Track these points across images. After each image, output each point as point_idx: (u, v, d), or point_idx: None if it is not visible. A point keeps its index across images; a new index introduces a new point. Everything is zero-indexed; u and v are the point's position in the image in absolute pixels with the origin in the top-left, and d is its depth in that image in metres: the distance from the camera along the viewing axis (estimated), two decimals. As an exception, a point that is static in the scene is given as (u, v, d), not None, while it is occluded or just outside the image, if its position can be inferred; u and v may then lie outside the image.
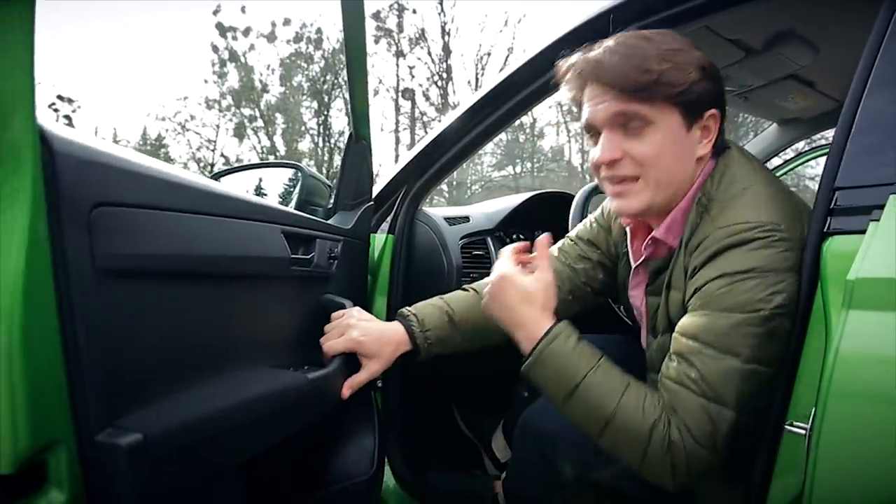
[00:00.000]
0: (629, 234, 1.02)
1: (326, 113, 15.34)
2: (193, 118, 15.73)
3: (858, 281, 0.63)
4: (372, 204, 1.29)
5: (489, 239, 1.62)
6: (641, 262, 0.98)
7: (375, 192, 1.36)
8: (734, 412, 0.75)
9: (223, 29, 14.68)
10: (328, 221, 1.16)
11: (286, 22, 15.48)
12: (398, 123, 16.46)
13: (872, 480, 0.61)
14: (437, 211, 1.59)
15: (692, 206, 0.87)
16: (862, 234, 0.67)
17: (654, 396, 0.79)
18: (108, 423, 0.57)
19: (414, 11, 16.51)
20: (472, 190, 15.98)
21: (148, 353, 0.63)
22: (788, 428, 0.71)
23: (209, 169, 14.95)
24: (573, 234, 1.18)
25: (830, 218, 0.73)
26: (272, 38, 15.01)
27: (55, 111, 11.05)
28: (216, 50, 14.96)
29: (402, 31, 15.71)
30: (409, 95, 16.18)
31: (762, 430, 0.77)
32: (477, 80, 15.79)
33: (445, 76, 15.88)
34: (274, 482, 1.03)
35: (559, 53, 0.95)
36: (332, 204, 1.27)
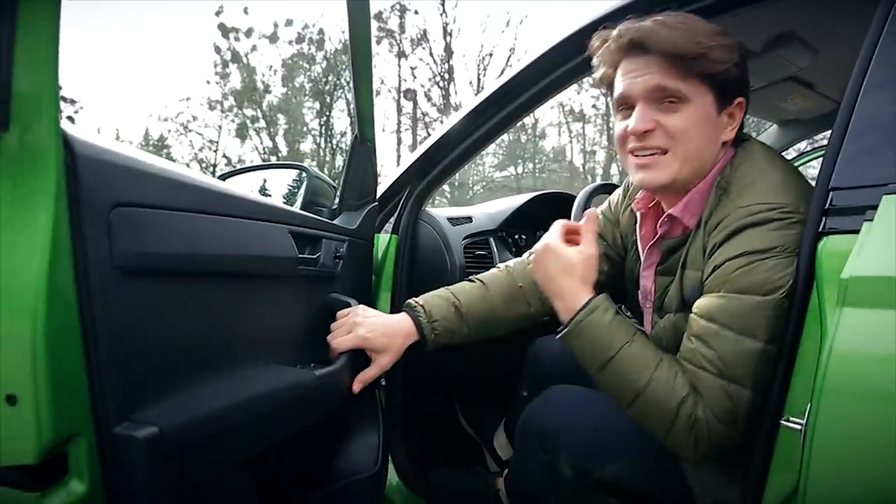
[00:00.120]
0: (639, 219, 1.04)
1: (328, 113, 15.37)
2: (196, 119, 15.80)
3: (852, 279, 0.65)
4: (376, 204, 1.30)
5: (492, 239, 1.63)
6: (655, 241, 0.99)
7: (379, 192, 1.37)
8: (751, 391, 0.78)
9: (226, 30, 14.74)
10: (333, 222, 1.17)
11: (288, 23, 15.55)
12: (400, 124, 16.50)
13: (866, 475, 0.63)
14: (440, 211, 1.60)
15: (711, 188, 0.89)
16: (856, 233, 0.68)
17: (685, 374, 0.82)
18: (125, 416, 0.59)
19: (416, 12, 16.56)
20: (473, 190, 15.99)
21: (163, 349, 0.65)
22: (785, 423, 0.72)
23: (211, 169, 14.97)
24: None
25: (826, 218, 0.74)
26: (274, 38, 15.06)
27: (58, 112, 11.05)
28: (218, 51, 15.02)
29: (403, 31, 15.75)
30: (410, 96, 16.21)
31: (759, 424, 0.78)
32: (479, 80, 15.82)
33: (447, 77, 15.90)
34: (280, 478, 1.04)
35: (560, 55, 0.96)
36: (337, 204, 1.28)
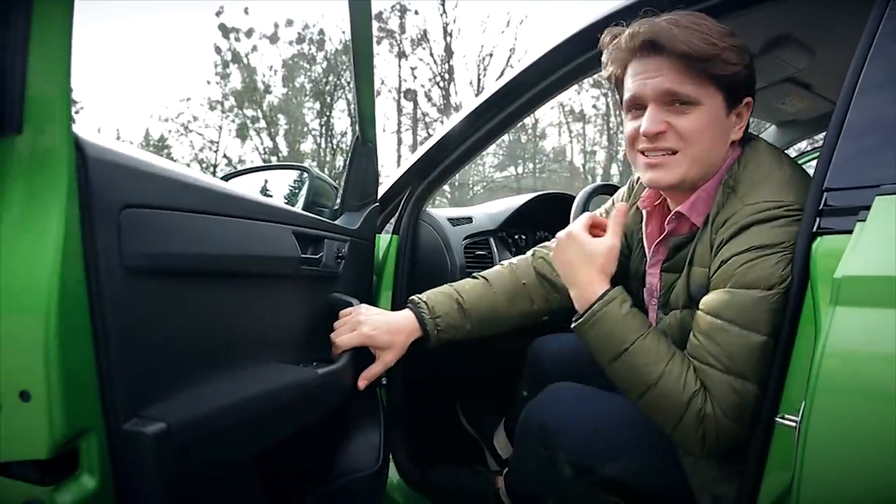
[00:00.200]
0: (645, 217, 1.06)
1: (329, 114, 15.38)
2: (196, 119, 15.82)
3: (845, 279, 0.66)
4: (377, 205, 1.31)
5: (492, 239, 1.64)
6: (662, 238, 1.01)
7: (380, 193, 1.38)
8: (756, 385, 0.79)
9: (226, 30, 14.75)
10: (335, 222, 1.18)
11: (289, 23, 15.56)
12: (400, 124, 16.50)
13: (858, 473, 0.64)
14: (440, 212, 1.61)
15: (719, 186, 0.90)
16: (850, 234, 0.69)
17: (696, 370, 0.82)
18: (133, 413, 0.60)
19: (416, 12, 16.57)
20: (474, 190, 16.00)
21: (170, 347, 0.66)
22: (780, 420, 0.73)
23: (212, 170, 14.98)
24: None
25: (820, 218, 0.75)
26: (275, 39, 15.07)
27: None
28: (219, 51, 15.03)
29: (404, 31, 15.76)
30: (411, 96, 16.21)
31: (756, 422, 0.79)
32: (479, 80, 15.83)
33: (447, 77, 15.91)
34: (282, 476, 1.05)
35: (562, 55, 0.96)
36: (338, 205, 1.29)
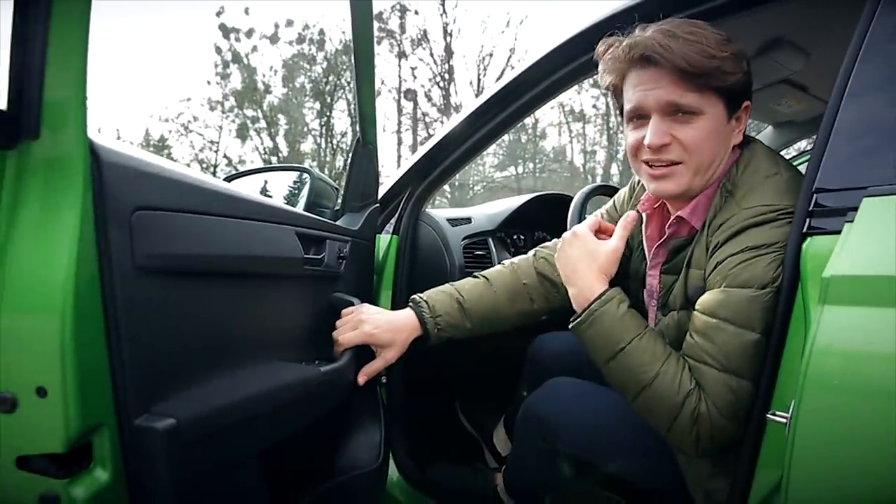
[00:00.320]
0: (645, 220, 1.07)
1: (329, 114, 15.38)
2: (196, 119, 15.80)
3: (833, 278, 0.67)
4: (378, 206, 1.33)
5: (490, 240, 1.65)
6: (662, 241, 1.02)
7: (380, 193, 1.40)
8: (751, 383, 0.80)
9: (226, 30, 14.73)
10: (336, 223, 1.20)
11: (289, 23, 15.53)
12: (400, 124, 16.50)
13: (846, 469, 0.65)
14: (439, 212, 1.62)
15: (717, 190, 0.91)
16: (838, 234, 0.70)
17: (691, 370, 0.83)
18: (144, 409, 0.62)
19: (416, 12, 16.57)
20: (474, 191, 16.00)
21: (179, 345, 0.68)
22: (771, 417, 0.75)
23: (212, 170, 14.99)
24: None
25: (810, 219, 0.76)
26: (275, 39, 15.07)
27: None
28: (219, 51, 15.01)
29: (404, 31, 15.76)
30: (411, 96, 16.21)
31: (748, 419, 0.81)
32: (479, 80, 15.83)
33: (447, 77, 15.91)
34: (283, 473, 1.07)
35: (562, 56, 0.96)
36: (339, 206, 1.31)
